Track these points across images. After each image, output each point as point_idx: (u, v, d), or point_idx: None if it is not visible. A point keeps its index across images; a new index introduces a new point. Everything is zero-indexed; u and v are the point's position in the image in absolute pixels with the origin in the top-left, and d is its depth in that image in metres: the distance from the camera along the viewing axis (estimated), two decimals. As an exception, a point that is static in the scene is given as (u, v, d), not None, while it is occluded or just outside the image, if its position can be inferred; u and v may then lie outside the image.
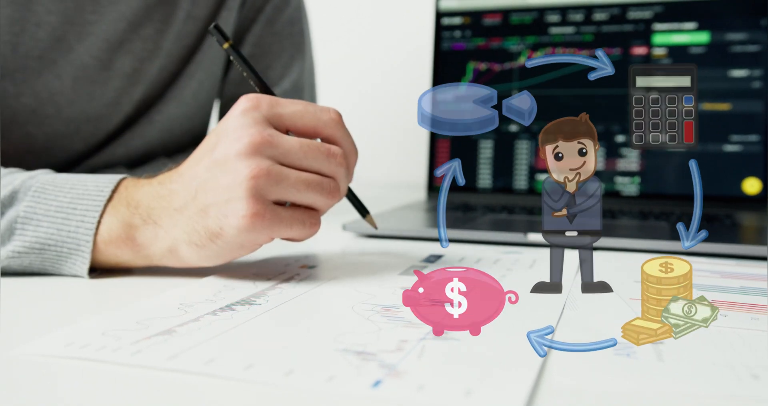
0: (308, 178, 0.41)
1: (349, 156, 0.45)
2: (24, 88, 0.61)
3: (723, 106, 0.83)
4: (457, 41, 0.94)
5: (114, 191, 0.44)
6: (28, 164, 0.60)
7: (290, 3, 0.78)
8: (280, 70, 0.77)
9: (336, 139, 0.44)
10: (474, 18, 0.94)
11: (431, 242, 0.60)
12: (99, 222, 0.42)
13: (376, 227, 0.53)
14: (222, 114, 0.80)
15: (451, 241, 0.61)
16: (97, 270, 0.44)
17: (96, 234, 0.42)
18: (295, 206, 0.43)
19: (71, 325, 0.32)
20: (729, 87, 0.83)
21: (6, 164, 0.55)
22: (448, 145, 0.94)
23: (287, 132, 0.43)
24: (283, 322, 0.34)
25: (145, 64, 0.67)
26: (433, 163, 0.94)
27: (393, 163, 1.33)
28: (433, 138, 0.95)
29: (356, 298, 0.39)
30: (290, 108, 0.43)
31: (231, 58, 0.48)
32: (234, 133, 0.41)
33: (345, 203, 0.51)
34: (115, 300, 0.39)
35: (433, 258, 0.52)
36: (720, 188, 0.83)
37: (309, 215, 0.43)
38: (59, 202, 0.43)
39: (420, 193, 0.97)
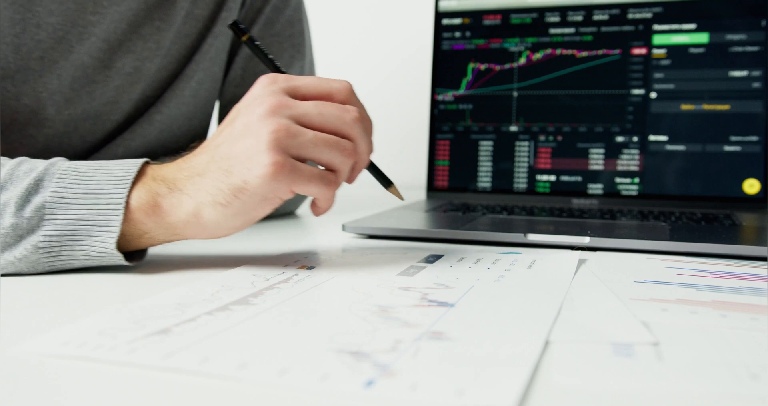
0: (325, 137, 0.44)
1: (364, 120, 0.47)
2: (25, 88, 0.61)
3: (722, 107, 0.83)
4: (457, 42, 0.94)
5: (139, 171, 0.45)
6: None
7: (289, 4, 0.78)
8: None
9: (350, 104, 0.47)
10: (474, 18, 0.94)
11: (431, 242, 0.60)
12: (128, 197, 0.44)
13: (402, 198, 0.54)
14: (222, 115, 0.80)
15: (451, 241, 0.61)
16: (132, 256, 0.46)
17: (125, 207, 0.44)
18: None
19: (68, 324, 0.32)
20: (729, 87, 0.83)
21: None
22: (447, 145, 0.94)
23: None
24: (280, 322, 0.34)
25: (146, 63, 0.67)
26: (433, 163, 0.94)
27: (393, 163, 1.33)
28: (433, 138, 0.95)
29: (353, 298, 0.38)
30: (305, 80, 0.46)
31: (250, 49, 0.52)
32: (253, 102, 0.44)
33: (344, 203, 0.50)
34: (112, 299, 0.39)
35: (433, 258, 0.51)
36: (720, 188, 0.83)
37: (328, 173, 0.45)
38: (86, 184, 0.44)
39: (420, 193, 0.97)
